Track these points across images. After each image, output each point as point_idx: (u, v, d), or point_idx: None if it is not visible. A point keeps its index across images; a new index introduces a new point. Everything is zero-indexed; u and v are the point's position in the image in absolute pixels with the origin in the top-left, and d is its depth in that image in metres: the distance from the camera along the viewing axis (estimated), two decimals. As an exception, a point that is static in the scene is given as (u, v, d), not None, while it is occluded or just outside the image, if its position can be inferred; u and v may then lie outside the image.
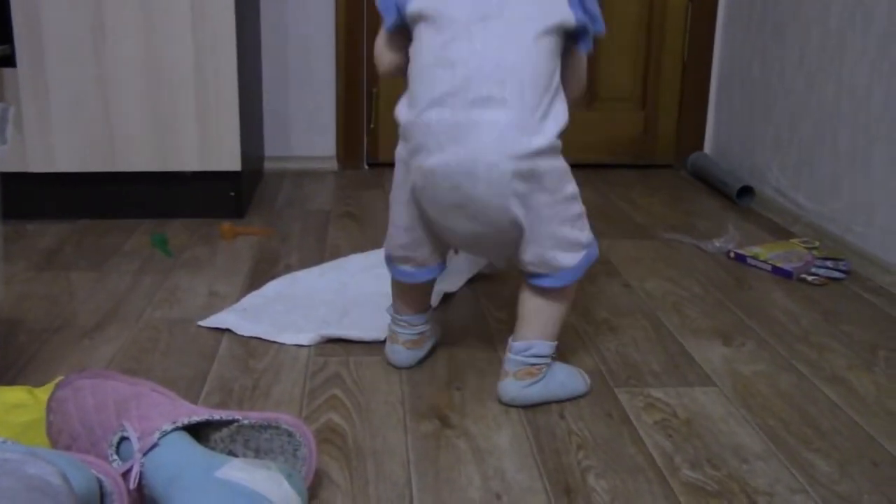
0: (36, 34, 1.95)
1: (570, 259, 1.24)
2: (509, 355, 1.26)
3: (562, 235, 1.23)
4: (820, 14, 2.11)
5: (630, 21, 2.70)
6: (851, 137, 1.97)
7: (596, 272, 1.85)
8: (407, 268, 1.31)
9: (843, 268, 1.86)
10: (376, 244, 1.92)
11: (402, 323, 1.36)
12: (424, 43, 1.18)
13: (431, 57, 1.17)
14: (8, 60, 1.97)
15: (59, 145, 2.02)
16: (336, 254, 1.89)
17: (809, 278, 1.82)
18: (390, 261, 1.34)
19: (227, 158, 2.08)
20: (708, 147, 2.80)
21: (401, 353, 1.36)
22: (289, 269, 1.80)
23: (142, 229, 2.05)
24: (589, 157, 2.76)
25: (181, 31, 1.98)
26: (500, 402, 1.26)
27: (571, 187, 1.27)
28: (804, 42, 2.19)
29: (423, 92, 1.17)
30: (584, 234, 1.28)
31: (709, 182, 2.60)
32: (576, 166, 2.92)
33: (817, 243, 2.00)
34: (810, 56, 2.16)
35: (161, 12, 1.97)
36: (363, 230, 2.10)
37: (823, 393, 1.34)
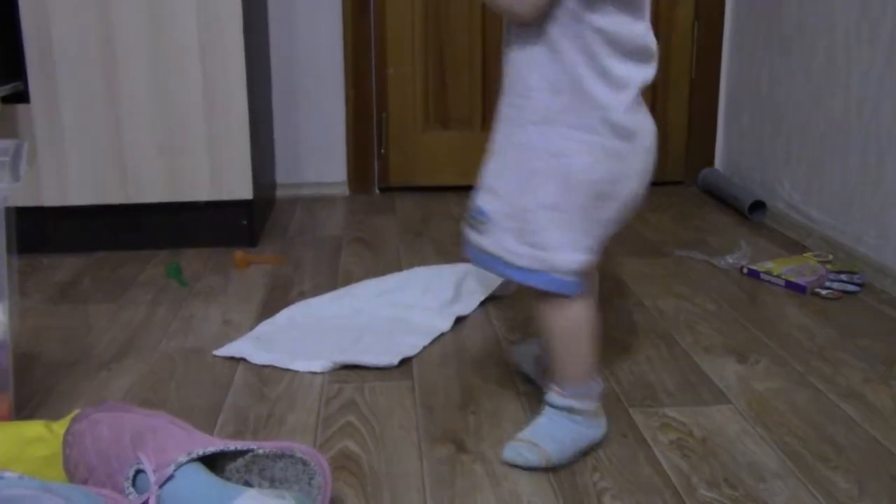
0: (49, 70, 1.98)
1: None
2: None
3: None
4: (826, 28, 2.12)
5: (636, 39, 2.70)
6: (862, 150, 1.97)
7: (608, 290, 1.85)
8: None
9: (858, 281, 1.85)
10: (388, 269, 1.93)
11: None
12: None
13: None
14: (22, 96, 2.00)
15: (73, 179, 2.04)
16: (349, 280, 1.90)
17: (823, 292, 1.81)
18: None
19: (239, 187, 2.09)
20: (718, 163, 2.79)
21: None
22: (302, 295, 1.80)
23: (156, 260, 2.06)
24: (599, 175, 2.76)
25: (191, 62, 2.01)
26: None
27: None
28: (811, 56, 2.19)
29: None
30: None
31: (720, 198, 2.59)
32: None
33: (831, 256, 1.99)
34: (817, 70, 2.16)
35: (171, 45, 1.99)
36: (375, 255, 2.11)
37: (840, 408, 1.33)
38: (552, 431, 1.17)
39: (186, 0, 1.97)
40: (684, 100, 2.77)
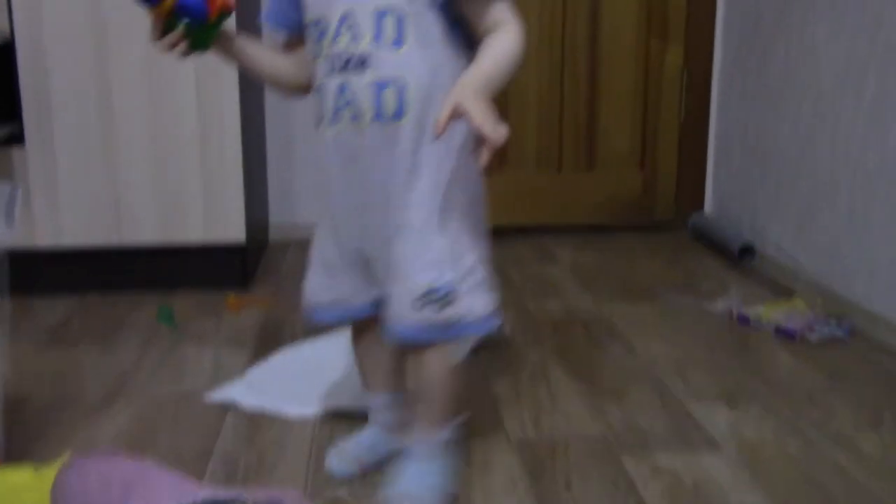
0: (45, 112, 1.99)
1: None
2: None
3: None
4: (812, 79, 2.15)
5: (627, 86, 2.74)
6: (849, 197, 1.99)
7: (599, 335, 1.86)
8: None
9: (847, 326, 1.87)
10: (380, 312, 1.94)
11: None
12: None
13: None
14: (17, 138, 2.01)
15: (66, 220, 2.05)
16: (340, 323, 1.90)
17: (813, 338, 1.82)
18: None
19: (233, 230, 2.10)
20: (708, 207, 2.82)
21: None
22: (294, 339, 1.80)
23: (148, 302, 2.06)
24: (589, 218, 2.79)
25: (186, 104, 2.02)
26: None
27: None
28: (798, 105, 2.22)
29: None
30: None
31: (710, 242, 2.61)
32: (576, 228, 2.94)
33: (820, 302, 2.01)
34: (805, 119, 2.19)
35: (166, 87, 2.01)
36: (367, 298, 2.11)
37: (830, 456, 1.33)
38: (426, 479, 1.17)
39: (182, 45, 2.00)
40: (674, 145, 2.80)
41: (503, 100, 2.70)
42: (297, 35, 1.20)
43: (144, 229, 2.08)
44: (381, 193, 1.12)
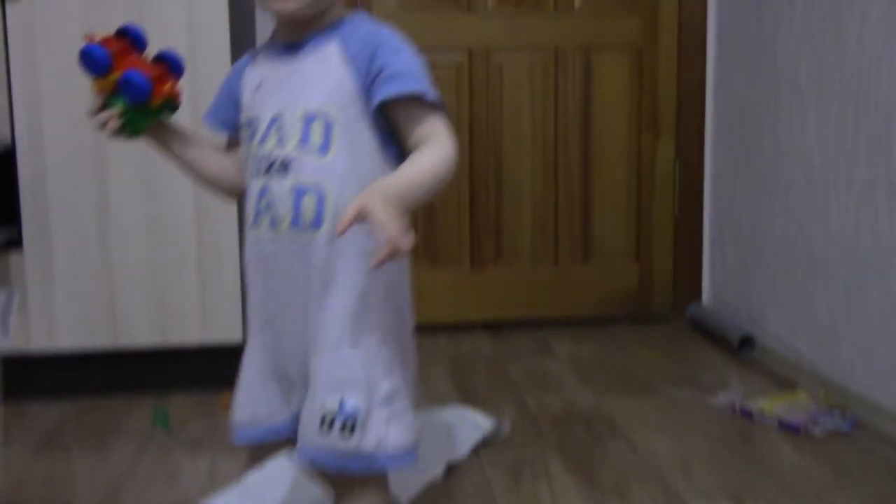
0: (43, 216, 2.01)
1: None
2: None
3: None
4: (802, 168, 2.18)
5: (620, 179, 2.78)
6: (844, 284, 1.99)
7: (599, 431, 1.84)
8: None
9: (850, 418, 1.84)
10: (378, 412, 1.91)
11: None
12: None
13: None
14: (15, 242, 2.02)
15: (62, 323, 2.04)
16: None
17: (817, 431, 1.80)
18: None
19: (229, 330, 2.09)
20: (706, 298, 2.82)
21: None
22: (292, 443, 1.77)
23: (143, 404, 2.04)
24: (586, 311, 2.79)
25: (183, 206, 2.04)
26: None
27: None
28: (789, 194, 2.25)
29: None
30: None
31: (709, 333, 2.60)
32: (573, 321, 2.93)
33: (822, 393, 1.99)
34: (796, 206, 2.21)
35: (163, 191, 2.03)
36: (365, 396, 2.09)
37: (840, 557, 1.30)
38: None
39: (181, 149, 2.03)
40: (669, 236, 2.82)
41: (497, 193, 2.74)
42: (236, 135, 1.18)
43: (140, 331, 2.07)
44: (298, 305, 1.07)
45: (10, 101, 1.98)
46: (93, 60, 1.08)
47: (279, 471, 1.62)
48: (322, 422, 1.03)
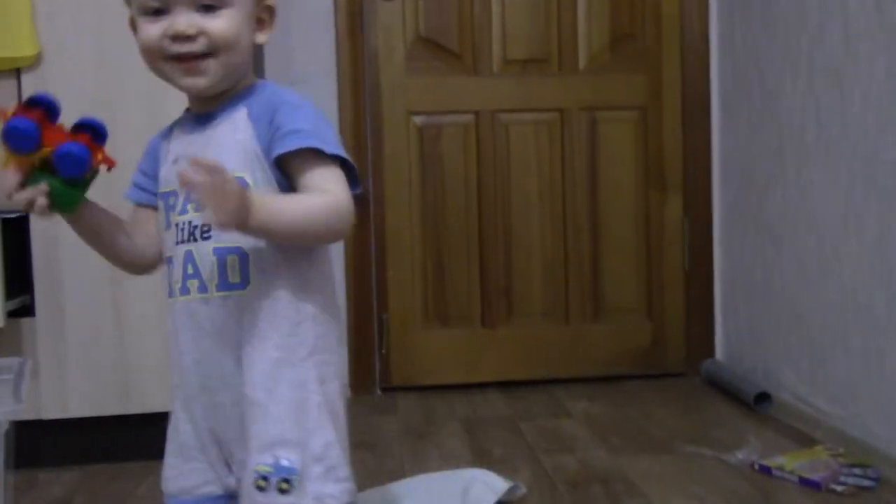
0: (55, 284, 2.01)
1: None
2: None
3: None
4: (811, 220, 2.18)
5: (629, 237, 2.78)
6: (862, 338, 1.98)
7: (616, 490, 1.80)
8: None
9: (872, 475, 1.81)
10: (392, 475, 1.89)
11: None
12: None
13: None
14: (27, 310, 2.02)
15: (73, 391, 2.03)
16: (351, 487, 1.85)
17: (839, 488, 1.76)
18: None
19: (240, 394, 2.08)
20: (719, 353, 2.80)
21: None
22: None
23: (154, 472, 2.00)
24: (599, 369, 2.76)
25: (195, 272, 2.05)
26: None
27: None
28: (800, 248, 2.24)
29: None
30: None
31: (724, 389, 2.58)
32: (587, 379, 2.91)
33: (842, 450, 1.96)
34: (809, 261, 2.21)
35: (176, 256, 2.04)
36: (378, 460, 2.07)
37: None
38: None
39: (192, 213, 2.04)
40: (680, 293, 2.81)
41: (507, 252, 2.74)
42: (154, 207, 1.18)
43: (151, 397, 2.05)
44: (231, 365, 1.08)
45: (23, 170, 2.00)
46: (21, 136, 0.99)
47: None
48: (259, 482, 1.03)
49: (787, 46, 2.29)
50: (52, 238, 2.01)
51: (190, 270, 1.08)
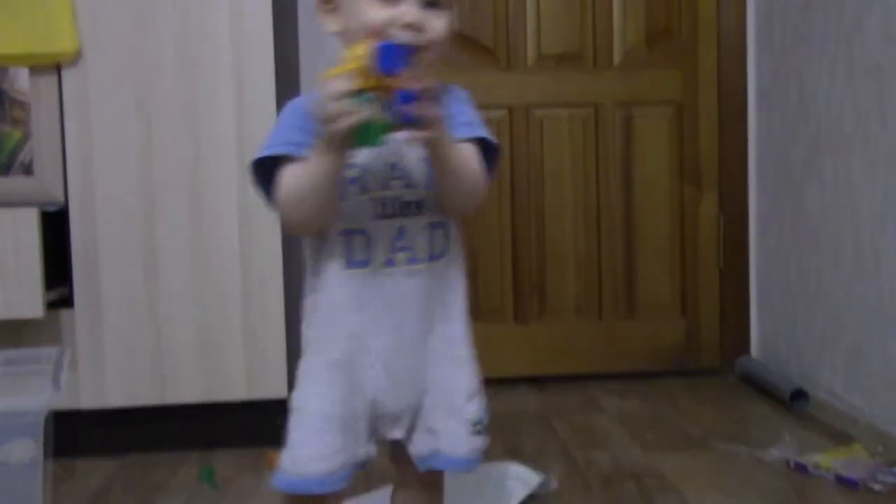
0: (93, 275, 2.04)
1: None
2: None
3: None
4: (850, 216, 2.15)
5: (663, 234, 2.76)
6: (899, 337, 1.95)
7: (650, 487, 1.79)
8: None
9: (911, 473, 1.79)
10: (424, 468, 1.89)
11: None
12: None
13: None
14: (66, 301, 2.05)
15: (111, 381, 2.06)
16: (384, 479, 1.86)
17: (877, 487, 1.74)
18: None
19: (274, 386, 2.10)
20: (755, 350, 2.77)
21: None
22: (338, 498, 1.76)
23: (189, 462, 2.04)
24: (632, 366, 2.75)
25: (230, 265, 2.07)
26: None
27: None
28: (838, 245, 2.22)
29: None
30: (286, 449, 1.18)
31: (759, 386, 2.55)
32: (620, 375, 2.90)
33: (881, 448, 1.93)
34: (845, 259, 2.18)
35: (211, 250, 2.06)
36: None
37: None
38: None
39: (228, 210, 2.06)
40: (715, 290, 2.78)
41: (539, 248, 2.73)
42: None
43: (187, 388, 2.08)
44: (424, 332, 1.15)
45: (63, 164, 2.03)
46: (395, 55, 1.00)
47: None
48: (476, 427, 1.18)
49: (825, 41, 2.27)
50: (91, 231, 2.04)
51: (399, 244, 1.13)
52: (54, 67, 2.02)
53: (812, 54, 2.34)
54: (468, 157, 1.12)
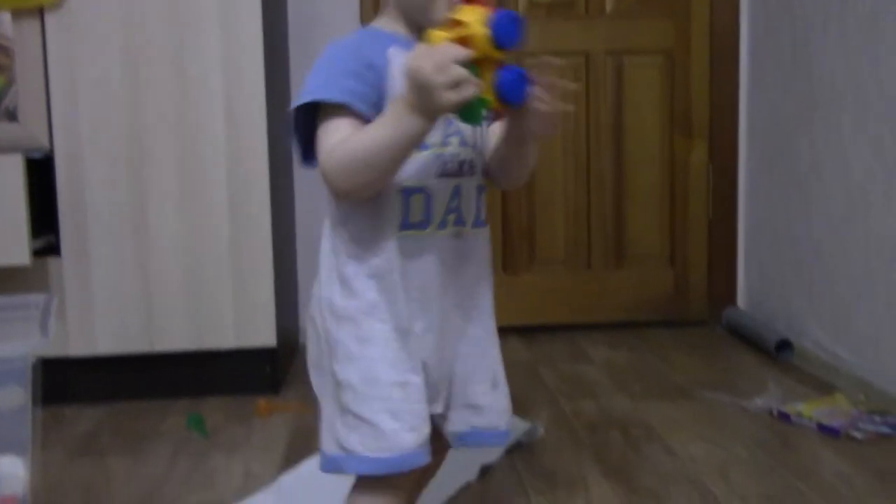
0: (81, 223, 2.03)
1: (326, 443, 1.07)
2: None
3: (325, 413, 1.08)
4: (840, 169, 2.15)
5: (653, 183, 2.76)
6: (886, 289, 1.96)
7: (636, 436, 1.82)
8: None
9: (892, 422, 1.81)
10: (412, 416, 1.91)
11: None
12: None
13: None
14: (54, 249, 2.04)
15: (100, 328, 2.06)
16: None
17: (858, 435, 1.76)
18: None
19: (263, 335, 2.10)
20: (741, 301, 2.79)
21: None
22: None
23: (178, 409, 2.05)
24: (621, 316, 2.76)
25: (219, 214, 2.06)
26: None
27: (338, 367, 1.05)
28: (827, 197, 2.22)
29: None
30: (349, 433, 1.03)
31: (745, 337, 2.57)
32: (608, 325, 2.91)
33: (862, 397, 1.95)
34: (834, 211, 2.18)
35: (200, 198, 2.05)
36: (399, 401, 2.08)
37: (885, 561, 1.27)
38: None
39: (216, 156, 2.05)
40: (703, 240, 2.79)
41: (529, 198, 2.73)
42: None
43: (176, 336, 2.08)
44: (465, 300, 1.09)
45: (48, 110, 2.01)
46: (513, 28, 0.92)
47: (313, 473, 1.62)
48: (507, 406, 1.16)
49: (820, -11, 2.24)
50: (78, 178, 2.02)
51: (453, 204, 1.06)
52: (37, 11, 1.98)
53: (805, 5, 2.31)
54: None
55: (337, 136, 0.98)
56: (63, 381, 2.09)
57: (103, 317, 2.06)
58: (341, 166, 0.97)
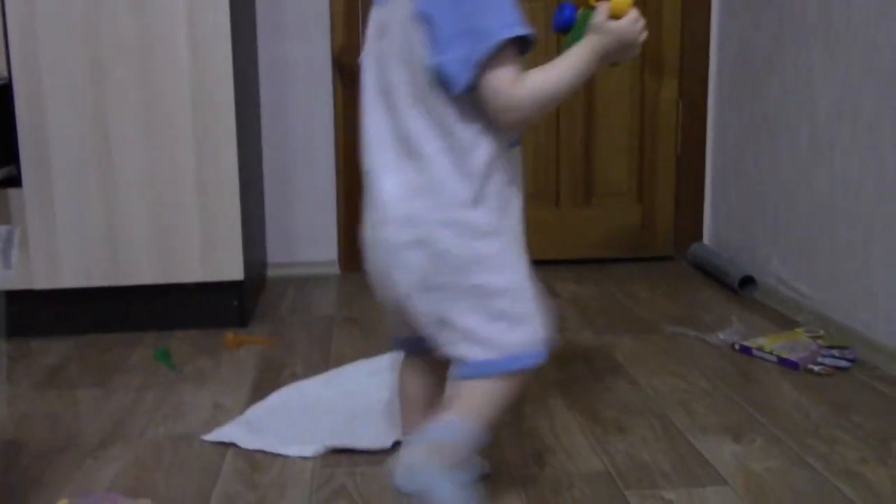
0: (42, 154, 1.99)
1: (473, 352, 1.12)
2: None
3: (465, 326, 1.12)
4: (807, 108, 2.16)
5: (622, 118, 2.76)
6: (848, 226, 1.99)
7: (601, 369, 1.85)
8: None
9: (850, 356, 1.85)
10: (380, 350, 1.92)
11: None
12: None
13: None
14: (14, 181, 2.01)
15: (64, 261, 2.04)
16: (341, 361, 1.89)
17: (816, 368, 1.81)
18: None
19: (230, 268, 2.09)
20: (707, 238, 2.82)
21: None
22: (294, 377, 1.79)
23: (145, 342, 2.05)
24: (588, 252, 2.78)
25: (184, 146, 2.03)
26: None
27: (488, 278, 1.13)
28: (794, 135, 2.23)
29: None
30: (505, 335, 1.13)
31: (710, 273, 2.61)
32: (575, 261, 2.93)
33: (822, 332, 2.00)
34: (801, 148, 2.20)
35: (164, 129, 2.02)
36: (367, 336, 2.10)
37: (838, 489, 1.31)
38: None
39: (180, 86, 2.01)
40: (671, 176, 2.80)
41: (500, 135, 2.71)
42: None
43: (142, 269, 2.07)
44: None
45: (5, 35, 1.95)
46: None
47: (281, 405, 1.64)
48: None
49: (793, -77, 2.22)
50: (38, 106, 1.98)
51: None
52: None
53: (779, -62, 2.30)
54: None
55: (516, 69, 1.09)
56: (29, 314, 2.08)
57: (68, 250, 2.04)
58: (534, 97, 1.10)
